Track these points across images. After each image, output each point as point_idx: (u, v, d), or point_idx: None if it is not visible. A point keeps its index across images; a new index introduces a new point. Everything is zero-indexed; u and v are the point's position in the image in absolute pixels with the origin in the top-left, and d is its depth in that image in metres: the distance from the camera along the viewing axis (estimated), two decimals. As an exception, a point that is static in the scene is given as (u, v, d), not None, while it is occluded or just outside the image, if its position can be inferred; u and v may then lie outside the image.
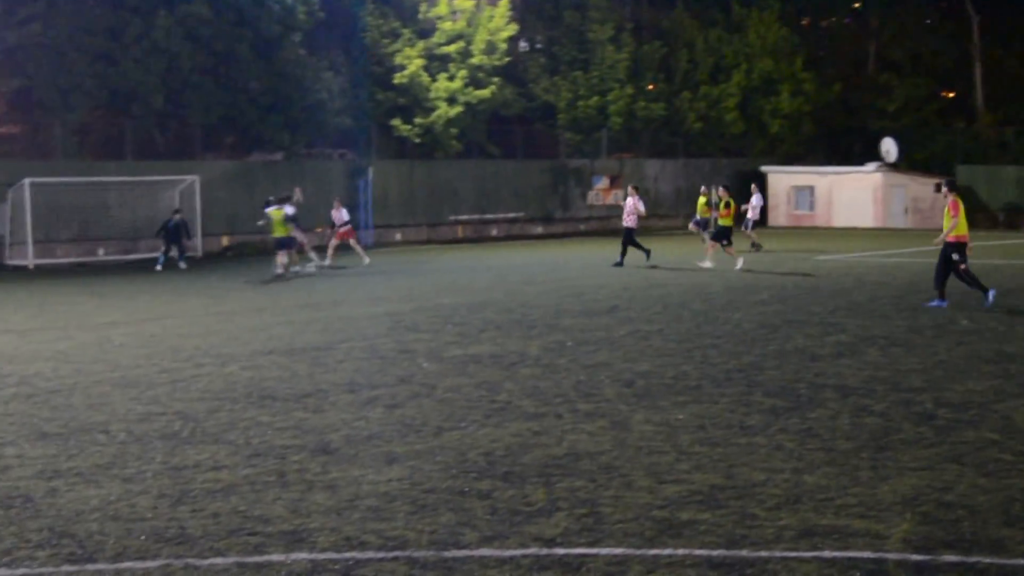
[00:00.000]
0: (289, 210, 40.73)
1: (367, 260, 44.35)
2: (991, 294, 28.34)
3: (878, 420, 16.44)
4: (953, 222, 28.42)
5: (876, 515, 11.96)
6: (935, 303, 28.80)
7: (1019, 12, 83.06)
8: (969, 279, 28.81)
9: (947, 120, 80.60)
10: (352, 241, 45.66)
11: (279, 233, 40.14)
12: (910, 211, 70.21)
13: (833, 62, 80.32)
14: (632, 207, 44.07)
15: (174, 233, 44.57)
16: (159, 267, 43.60)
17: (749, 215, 52.94)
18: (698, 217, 51.59)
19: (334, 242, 45.32)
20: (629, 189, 46.97)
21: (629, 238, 43.76)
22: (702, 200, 51.65)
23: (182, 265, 44.30)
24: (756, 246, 50.91)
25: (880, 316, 27.84)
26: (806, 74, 75.40)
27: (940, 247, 29.06)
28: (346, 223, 45.74)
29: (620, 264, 42.32)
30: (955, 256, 28.46)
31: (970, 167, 72.96)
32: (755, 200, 53.95)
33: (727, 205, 43.65)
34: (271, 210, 40.86)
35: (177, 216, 45.06)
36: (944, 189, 30.15)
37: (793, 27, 77.61)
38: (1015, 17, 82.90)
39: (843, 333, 25.04)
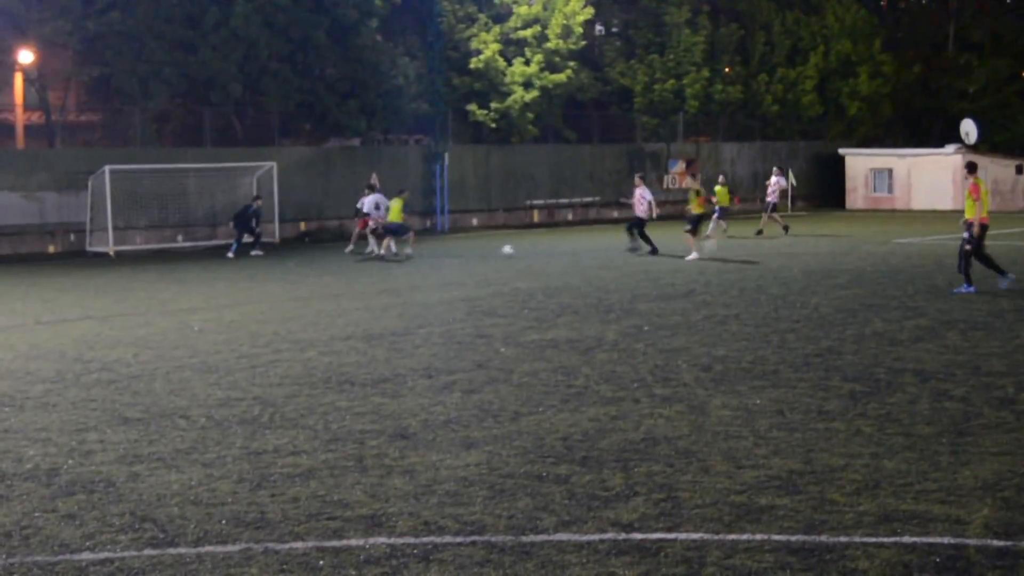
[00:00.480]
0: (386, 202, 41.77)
1: (379, 252, 43.07)
2: (1008, 278, 28.63)
3: (958, 405, 16.32)
4: (978, 206, 28.39)
5: (956, 500, 11.88)
6: (964, 289, 28.50)
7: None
8: (980, 260, 28.96)
9: (1029, 103, 79.96)
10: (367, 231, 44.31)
11: (395, 219, 40.53)
12: (991, 193, 69.52)
13: (912, 43, 79.66)
14: (639, 197, 43.18)
15: (250, 220, 44.63)
16: (231, 254, 43.71)
17: (769, 198, 52.24)
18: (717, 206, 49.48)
19: (357, 230, 45.20)
20: (636, 179, 46.11)
21: (640, 229, 43.07)
22: (721, 190, 49.87)
23: (258, 252, 44.47)
24: (785, 228, 50.65)
25: (960, 299, 27.64)
26: (884, 55, 74.89)
27: (975, 232, 28.64)
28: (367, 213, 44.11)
29: (655, 252, 41.75)
30: (965, 235, 28.55)
31: (1052, 149, 72.35)
32: (775, 181, 52.70)
33: (697, 194, 42.75)
34: (393, 201, 41.96)
35: (257, 203, 45.26)
36: (965, 171, 29.80)
37: (871, 8, 77.21)
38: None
39: (922, 317, 24.87)
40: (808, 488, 12.39)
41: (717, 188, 49.33)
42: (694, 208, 43.10)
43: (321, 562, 10.38)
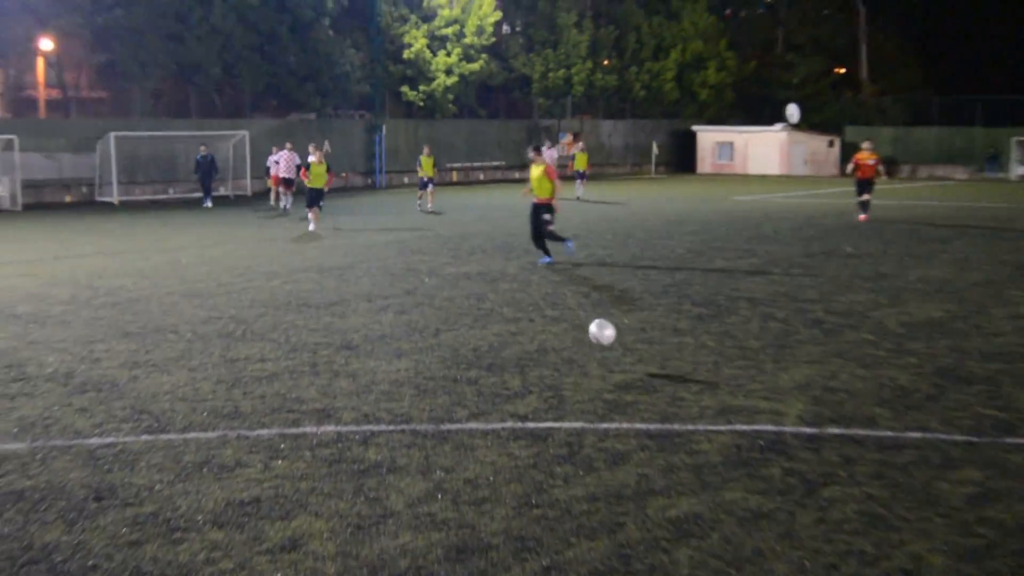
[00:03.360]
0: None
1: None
2: (569, 244, 24.33)
3: (780, 324, 16.53)
4: (556, 184, 24.30)
5: (777, 398, 12.06)
6: (547, 259, 24.06)
7: (898, 6, 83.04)
8: (549, 235, 24.22)
9: (838, 90, 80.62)
10: (282, 189, 40.81)
11: (317, 184, 37.29)
12: (808, 162, 70.35)
13: (749, 44, 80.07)
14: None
15: (206, 169, 43.77)
16: (207, 204, 43.31)
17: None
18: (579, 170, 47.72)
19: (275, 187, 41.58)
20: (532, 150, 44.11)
21: None
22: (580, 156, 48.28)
23: (207, 204, 43.35)
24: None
25: (783, 243, 27.91)
26: (728, 53, 75.35)
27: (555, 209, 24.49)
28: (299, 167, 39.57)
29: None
30: (546, 216, 24.07)
31: (856, 127, 72.85)
32: (548, 152, 47.54)
33: (307, 167, 33.15)
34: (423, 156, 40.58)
35: (203, 150, 44.27)
36: (532, 153, 25.55)
37: (718, 16, 77.62)
38: (894, 6, 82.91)
39: (753, 257, 25.09)
40: (663, 388, 12.51)
41: (577, 153, 49.13)
42: (579, 164, 43.87)
43: (283, 445, 10.37)
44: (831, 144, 72.19)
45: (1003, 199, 46.67)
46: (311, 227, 31.42)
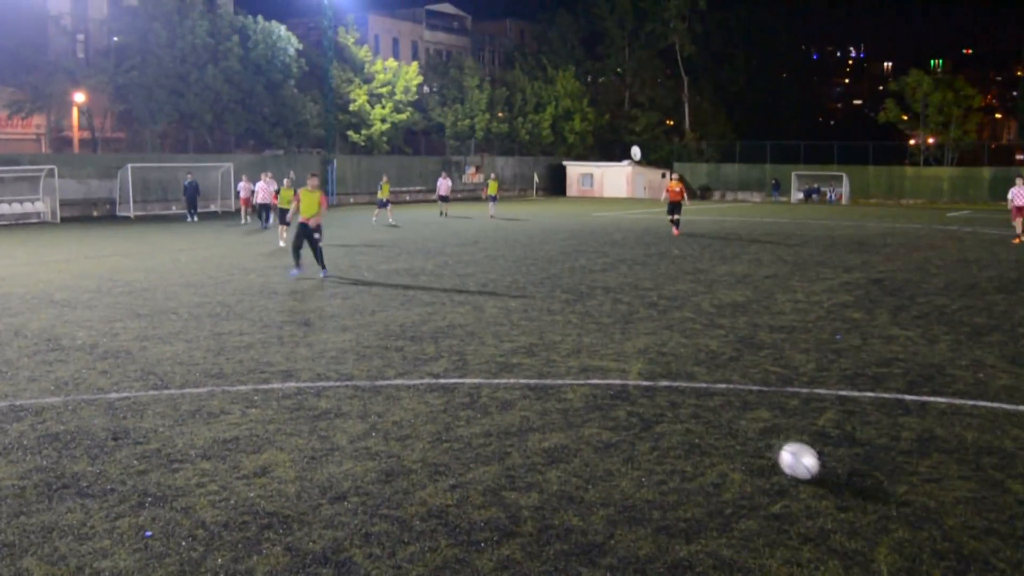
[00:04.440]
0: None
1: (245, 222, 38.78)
2: (295, 272, 20.63)
3: (625, 306, 16.65)
4: (322, 208, 20.43)
5: (623, 360, 12.14)
6: (296, 272, 20.72)
7: (711, 76, 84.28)
8: (297, 250, 20.66)
9: (669, 136, 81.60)
10: (249, 209, 39.34)
11: (284, 205, 34.09)
12: (647, 188, 70.94)
13: (605, 102, 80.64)
14: (441, 184, 43.28)
15: (193, 192, 41.88)
16: (194, 219, 41.32)
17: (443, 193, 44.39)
18: (490, 194, 44.94)
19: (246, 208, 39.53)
20: (443, 175, 43.90)
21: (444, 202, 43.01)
22: (493, 184, 45.13)
23: (193, 219, 41.40)
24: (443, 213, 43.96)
25: (627, 247, 28.14)
26: (589, 109, 75.75)
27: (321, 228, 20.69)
28: (252, 192, 38.73)
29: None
30: (316, 235, 20.38)
31: (681, 163, 73.71)
32: (443, 181, 44.52)
33: (277, 192, 32.89)
34: (283, 190, 37.24)
35: (189, 177, 42.59)
36: (310, 178, 21.04)
37: (582, 81, 78.12)
38: (708, 76, 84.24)
39: (606, 257, 25.25)
40: (540, 353, 12.54)
41: (490, 182, 46.68)
42: (491, 191, 43.97)
43: (256, 397, 10.21)
44: (663, 175, 72.90)
45: (786, 216, 47.54)
46: (280, 243, 28.60)
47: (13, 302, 17.05)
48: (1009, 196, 31.16)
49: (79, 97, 48.76)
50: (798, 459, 7.58)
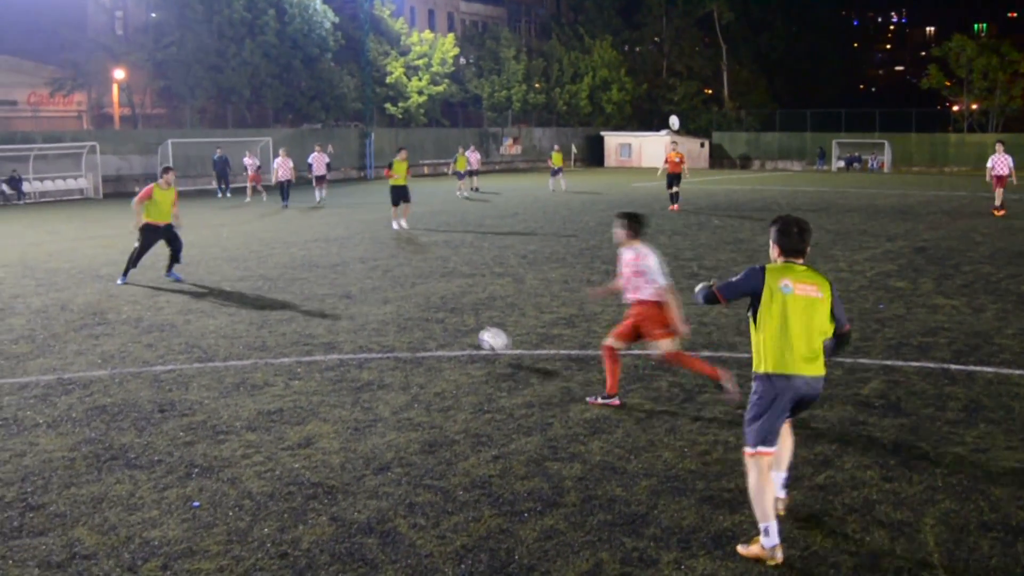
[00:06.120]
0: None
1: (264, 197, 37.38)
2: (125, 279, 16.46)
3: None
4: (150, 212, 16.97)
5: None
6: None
7: (750, 44, 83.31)
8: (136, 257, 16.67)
9: (707, 106, 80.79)
10: (260, 185, 38.68)
11: (462, 168, 37.28)
12: (686, 158, 70.42)
13: (642, 71, 79.99)
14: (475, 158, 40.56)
15: (224, 167, 41.31)
16: (225, 195, 40.54)
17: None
18: (554, 167, 42.98)
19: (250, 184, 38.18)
20: (469, 148, 42.20)
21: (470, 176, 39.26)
22: (557, 156, 43.20)
23: (225, 195, 40.71)
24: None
25: (666, 217, 27.99)
26: (627, 78, 75.14)
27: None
28: (258, 168, 38.97)
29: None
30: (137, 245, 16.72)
31: (720, 133, 73.28)
32: (471, 154, 41.47)
33: (558, 152, 40.90)
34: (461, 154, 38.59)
35: (219, 152, 41.87)
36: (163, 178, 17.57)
37: (620, 51, 77.47)
38: (747, 44, 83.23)
39: (647, 228, 25.11)
40: (581, 324, 12.52)
41: (553, 153, 43.84)
42: (556, 162, 42.21)
43: (299, 370, 10.30)
44: (702, 145, 72.41)
45: (827, 185, 47.03)
46: (395, 225, 25.26)
47: (60, 277, 17.28)
48: (989, 164, 28.55)
49: (119, 74, 49.16)
50: (492, 337, 10.42)
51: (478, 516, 6.40)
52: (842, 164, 66.19)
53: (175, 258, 16.97)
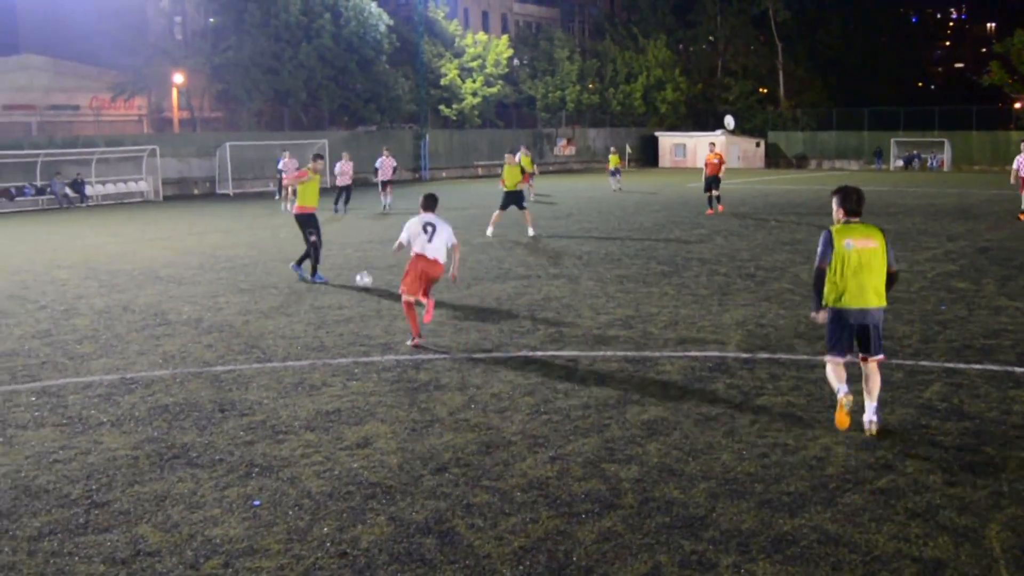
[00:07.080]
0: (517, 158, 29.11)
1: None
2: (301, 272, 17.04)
3: (723, 278, 16.45)
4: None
5: (721, 332, 12.00)
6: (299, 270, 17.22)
7: (805, 42, 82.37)
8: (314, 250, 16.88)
9: (763, 105, 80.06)
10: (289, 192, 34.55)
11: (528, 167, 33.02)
12: (741, 158, 69.92)
13: (697, 71, 79.55)
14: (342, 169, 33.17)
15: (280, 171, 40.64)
16: (277, 198, 37.60)
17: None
18: (611, 168, 43.27)
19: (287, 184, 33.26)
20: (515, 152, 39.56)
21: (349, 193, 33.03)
22: (614, 158, 43.56)
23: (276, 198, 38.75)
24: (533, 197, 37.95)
25: (723, 218, 27.79)
26: (681, 78, 74.82)
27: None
28: (297, 168, 34.21)
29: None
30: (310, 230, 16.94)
31: (775, 132, 72.64)
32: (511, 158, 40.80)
33: (614, 154, 40.89)
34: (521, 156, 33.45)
35: (285, 155, 41.10)
36: (312, 162, 17.49)
37: (674, 50, 77.08)
38: (803, 42, 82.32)
39: (702, 228, 24.94)
40: (637, 325, 12.47)
41: (611, 156, 44.06)
42: (613, 164, 42.38)
43: (356, 370, 10.37)
44: (757, 145, 71.80)
45: (886, 184, 46.37)
46: (489, 231, 23.88)
47: (121, 278, 17.58)
48: (1015, 166, 27.08)
49: (178, 78, 49.89)
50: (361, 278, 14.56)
51: (536, 517, 6.40)
52: (901, 163, 65.21)
53: (315, 259, 16.79)
